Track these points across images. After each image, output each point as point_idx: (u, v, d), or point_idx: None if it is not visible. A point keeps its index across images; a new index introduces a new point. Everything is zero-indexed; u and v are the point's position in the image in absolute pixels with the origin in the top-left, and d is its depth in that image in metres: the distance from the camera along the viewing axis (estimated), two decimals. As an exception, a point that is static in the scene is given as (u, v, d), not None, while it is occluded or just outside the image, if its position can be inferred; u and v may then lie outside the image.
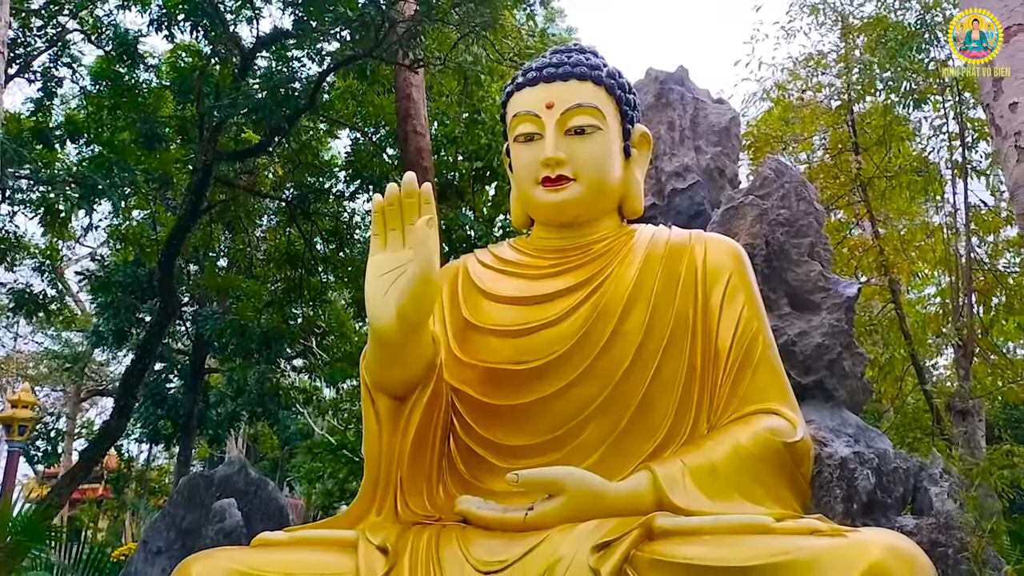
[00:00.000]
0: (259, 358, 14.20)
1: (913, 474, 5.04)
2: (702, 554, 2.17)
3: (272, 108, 10.07)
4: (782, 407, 2.92)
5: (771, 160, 6.19)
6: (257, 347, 13.37)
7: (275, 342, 12.73)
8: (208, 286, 14.52)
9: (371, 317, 2.73)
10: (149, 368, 12.86)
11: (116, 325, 14.37)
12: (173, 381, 17.93)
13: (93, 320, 17.68)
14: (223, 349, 14.78)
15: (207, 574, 2.48)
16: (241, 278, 14.34)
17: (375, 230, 2.83)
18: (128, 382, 11.63)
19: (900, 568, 1.98)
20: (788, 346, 5.17)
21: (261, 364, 14.63)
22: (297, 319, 14.95)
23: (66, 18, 12.39)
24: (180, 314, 14.89)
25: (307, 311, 14.76)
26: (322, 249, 14.10)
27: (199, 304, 15.90)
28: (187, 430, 15.03)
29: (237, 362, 14.88)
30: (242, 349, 13.61)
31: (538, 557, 2.35)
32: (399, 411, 2.88)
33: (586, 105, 3.19)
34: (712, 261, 3.14)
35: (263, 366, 14.72)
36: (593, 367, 2.94)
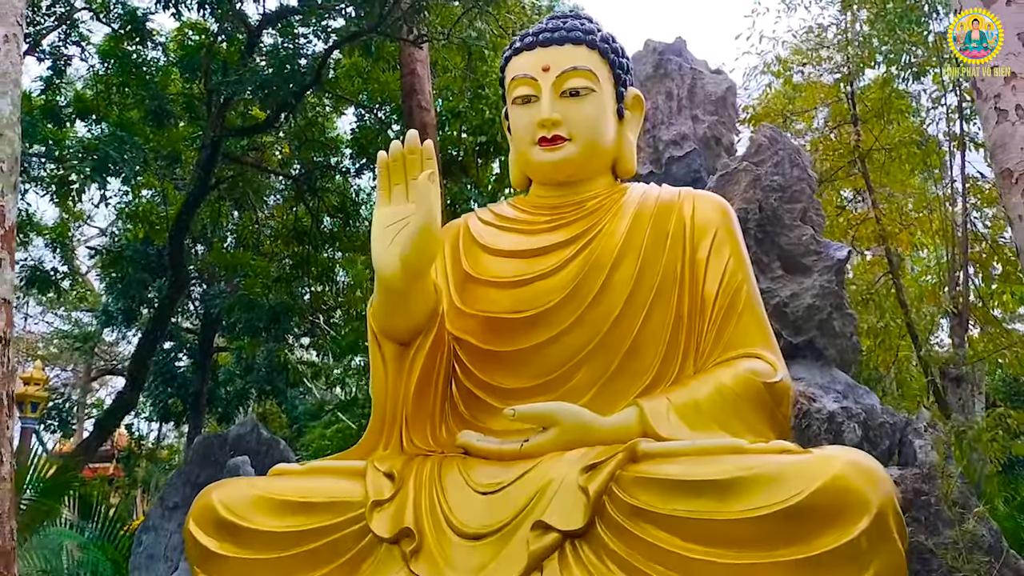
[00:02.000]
0: (267, 336, 14.40)
1: (900, 429, 5.23)
2: (680, 471, 2.37)
3: (279, 84, 10.21)
4: (764, 352, 3.09)
5: (766, 128, 6.34)
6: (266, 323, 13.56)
7: (284, 317, 12.92)
8: (216, 263, 14.71)
9: (377, 266, 2.92)
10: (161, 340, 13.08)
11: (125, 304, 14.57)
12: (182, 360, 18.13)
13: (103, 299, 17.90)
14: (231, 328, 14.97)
15: (227, 499, 2.70)
16: (249, 255, 14.53)
17: (380, 185, 3.02)
18: (140, 354, 11.87)
19: (859, 479, 2.17)
20: (780, 307, 5.36)
21: (269, 342, 14.83)
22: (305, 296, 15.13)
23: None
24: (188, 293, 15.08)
25: (315, 287, 14.95)
26: (329, 225, 14.26)
27: (207, 284, 16.08)
28: (196, 408, 15.23)
29: (245, 340, 15.07)
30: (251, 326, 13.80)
31: (532, 479, 2.55)
32: (404, 356, 3.08)
33: (581, 68, 3.35)
34: (700, 217, 3.30)
35: (271, 344, 14.92)
36: (585, 316, 3.13)
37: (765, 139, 5.94)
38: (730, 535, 2.21)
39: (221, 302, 13.55)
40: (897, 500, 2.25)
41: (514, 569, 2.35)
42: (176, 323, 16.67)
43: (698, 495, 2.28)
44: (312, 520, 2.62)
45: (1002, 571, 4.33)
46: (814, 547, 2.13)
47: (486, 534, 2.46)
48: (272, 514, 2.64)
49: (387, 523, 2.56)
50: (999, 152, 3.98)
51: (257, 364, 16.05)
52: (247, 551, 2.61)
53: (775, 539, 2.16)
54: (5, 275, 4.32)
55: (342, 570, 2.56)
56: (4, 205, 4.40)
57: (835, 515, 2.14)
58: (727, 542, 2.21)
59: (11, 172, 4.50)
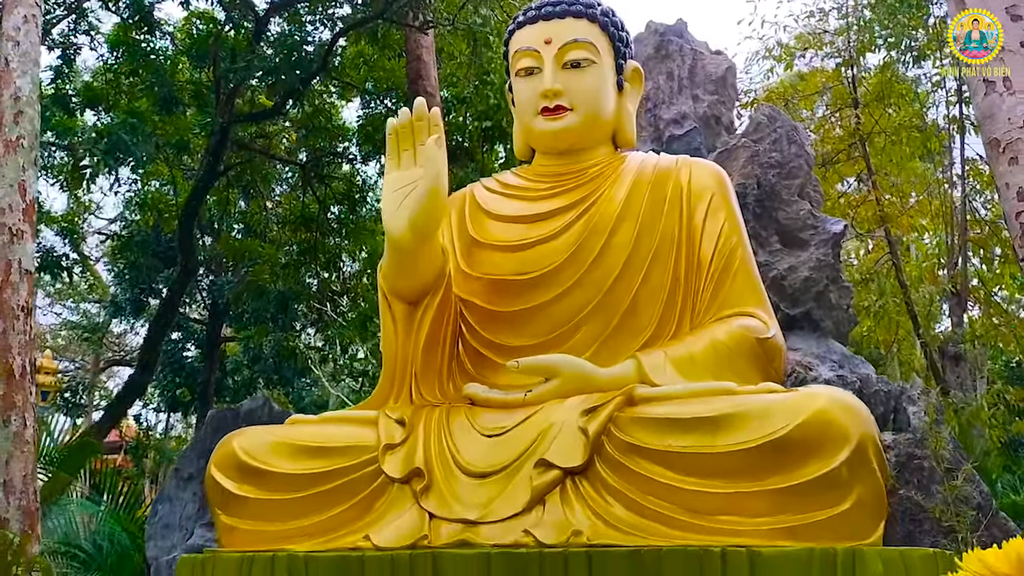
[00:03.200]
0: (274, 325, 14.57)
1: (894, 396, 5.39)
2: (673, 410, 2.52)
3: (286, 71, 10.37)
4: (757, 310, 3.23)
5: (765, 107, 6.48)
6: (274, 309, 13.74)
7: (292, 303, 13.10)
8: (225, 252, 14.89)
9: (387, 227, 3.07)
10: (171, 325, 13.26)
11: (134, 295, 14.76)
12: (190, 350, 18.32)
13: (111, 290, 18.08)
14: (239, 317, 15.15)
15: (247, 445, 2.85)
16: (258, 243, 14.69)
17: (389, 150, 3.16)
18: (151, 338, 12.06)
19: (842, 413, 2.31)
20: (778, 280, 5.51)
21: (276, 331, 15.00)
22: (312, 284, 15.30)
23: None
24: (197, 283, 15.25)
25: (322, 273, 15.12)
26: (336, 212, 14.42)
27: (215, 274, 16.26)
28: (204, 398, 15.41)
29: (253, 329, 15.24)
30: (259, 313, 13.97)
31: (534, 422, 2.71)
32: (412, 315, 3.22)
33: (581, 40, 3.48)
34: (696, 183, 3.44)
35: (278, 333, 15.09)
36: (586, 277, 3.27)
37: (764, 117, 6.08)
38: (720, 467, 2.36)
39: (229, 291, 13.72)
40: (877, 435, 2.39)
41: (518, 503, 2.50)
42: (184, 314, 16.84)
43: (690, 431, 2.43)
44: (327, 463, 2.77)
45: (990, 529, 4.48)
46: (798, 476, 2.28)
47: (492, 472, 2.62)
48: (290, 458, 2.80)
49: (398, 464, 2.71)
50: (987, 123, 4.12)
51: (264, 354, 16.23)
52: (266, 492, 2.77)
53: (762, 469, 2.31)
54: (27, 247, 4.49)
55: (355, 509, 2.71)
56: (25, 180, 4.56)
57: (818, 446, 2.28)
58: (717, 473, 2.36)
59: (31, 148, 4.66)
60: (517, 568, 2.31)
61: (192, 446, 6.24)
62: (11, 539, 3.89)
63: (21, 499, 4.16)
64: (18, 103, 4.55)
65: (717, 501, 2.35)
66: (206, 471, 2.92)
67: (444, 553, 2.41)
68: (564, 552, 2.30)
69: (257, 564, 2.56)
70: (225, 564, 2.64)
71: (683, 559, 2.19)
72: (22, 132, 4.59)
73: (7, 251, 4.33)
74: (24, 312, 4.41)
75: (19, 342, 4.27)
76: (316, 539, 2.68)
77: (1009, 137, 3.97)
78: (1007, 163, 3.98)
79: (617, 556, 2.25)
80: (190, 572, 2.70)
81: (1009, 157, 3.97)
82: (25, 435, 4.21)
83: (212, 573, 2.63)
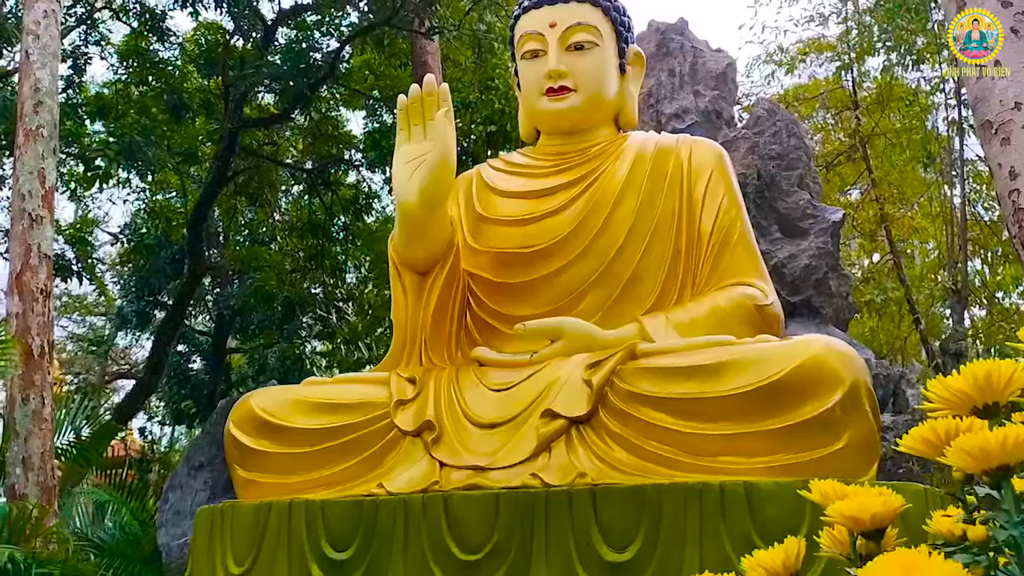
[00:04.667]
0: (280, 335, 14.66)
1: (894, 380, 5.49)
2: (673, 360, 2.63)
3: (294, 77, 10.53)
4: (756, 280, 3.34)
5: (764, 101, 6.61)
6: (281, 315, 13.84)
7: (299, 307, 13.21)
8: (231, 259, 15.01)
9: (398, 196, 3.20)
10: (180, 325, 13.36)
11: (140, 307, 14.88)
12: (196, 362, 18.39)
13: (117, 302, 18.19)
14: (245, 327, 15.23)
15: (266, 403, 2.97)
16: (265, 250, 14.82)
17: (400, 125, 3.29)
18: (159, 341, 12.18)
19: (835, 358, 2.42)
20: (778, 268, 5.63)
21: (282, 342, 15.10)
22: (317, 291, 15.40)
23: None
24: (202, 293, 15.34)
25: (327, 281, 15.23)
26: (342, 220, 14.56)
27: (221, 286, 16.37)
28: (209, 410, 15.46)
29: (259, 341, 15.32)
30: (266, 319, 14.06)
31: (540, 377, 2.82)
32: (422, 285, 3.34)
33: (585, 23, 3.61)
34: (696, 160, 3.56)
35: (283, 344, 15.18)
36: (590, 247, 3.38)
37: (764, 111, 6.22)
38: (718, 410, 2.46)
39: (236, 300, 13.82)
40: (869, 380, 2.49)
41: (525, 450, 2.61)
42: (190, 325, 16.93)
43: (690, 378, 2.54)
44: (341, 418, 2.88)
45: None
46: (794, 417, 2.38)
47: (500, 423, 2.73)
48: (306, 414, 2.91)
49: (410, 419, 2.82)
50: (980, 105, 4.24)
51: (270, 364, 16.30)
52: (283, 447, 2.88)
53: (759, 412, 2.41)
54: (46, 232, 4.62)
55: (368, 462, 2.82)
56: (44, 167, 4.70)
57: (812, 389, 2.38)
58: (716, 417, 2.46)
59: (51, 137, 4.79)
60: (524, 507, 2.42)
61: (203, 435, 6.35)
62: (30, 511, 3.99)
63: (39, 475, 4.27)
64: (38, 94, 4.69)
65: (716, 443, 2.45)
66: (224, 429, 3.03)
67: (455, 495, 2.52)
68: (569, 491, 2.41)
69: (275, 511, 2.67)
70: (244, 512, 2.74)
71: (683, 494, 2.29)
72: (42, 122, 4.73)
73: (27, 236, 4.46)
74: (43, 294, 4.53)
75: (38, 323, 4.39)
76: (330, 490, 2.79)
77: (1001, 119, 4.08)
78: (999, 144, 4.09)
79: (620, 493, 2.36)
80: (209, 522, 2.80)
81: (1001, 138, 4.08)
82: (43, 413, 4.32)
83: (231, 521, 2.74)
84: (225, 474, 5.93)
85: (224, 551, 2.71)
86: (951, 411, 1.01)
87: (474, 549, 2.42)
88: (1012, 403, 1.00)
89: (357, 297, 15.60)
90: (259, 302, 13.86)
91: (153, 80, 12.68)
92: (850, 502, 0.96)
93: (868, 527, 0.94)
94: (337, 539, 2.56)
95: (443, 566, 2.44)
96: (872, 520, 0.93)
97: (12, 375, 4.27)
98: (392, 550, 2.49)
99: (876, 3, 10.03)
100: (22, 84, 4.77)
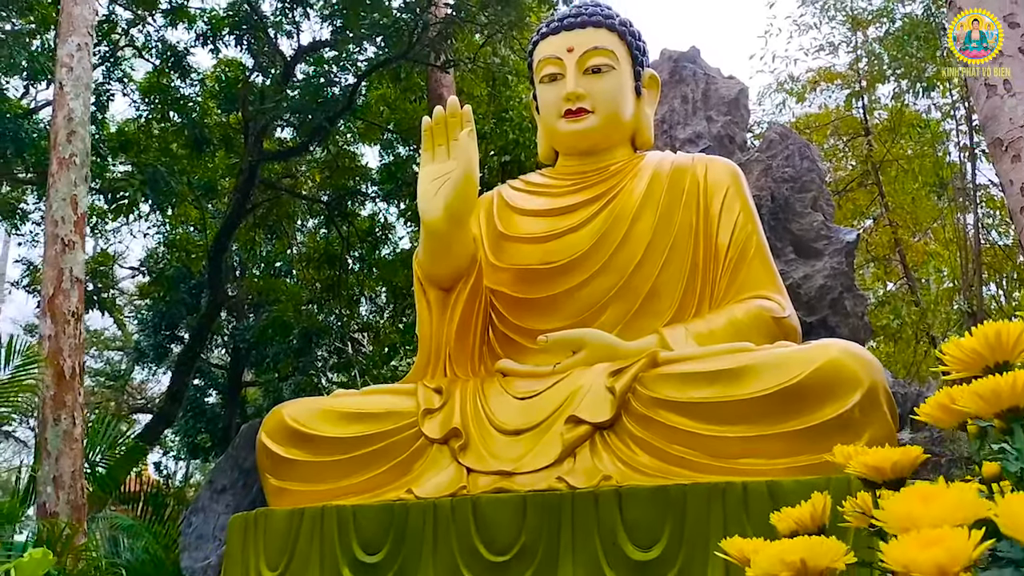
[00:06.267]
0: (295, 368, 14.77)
1: (911, 399, 5.50)
2: (695, 366, 2.70)
3: (312, 111, 10.75)
4: (774, 294, 3.41)
5: (776, 126, 6.71)
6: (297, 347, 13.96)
7: (316, 337, 13.33)
8: (249, 290, 15.19)
9: (423, 213, 3.30)
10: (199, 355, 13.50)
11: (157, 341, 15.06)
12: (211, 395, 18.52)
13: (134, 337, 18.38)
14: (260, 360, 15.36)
15: (296, 413, 3.05)
16: (283, 281, 14.99)
17: (424, 147, 3.40)
18: (179, 370, 12.30)
19: (853, 362, 2.48)
20: (793, 289, 5.68)
21: (297, 375, 15.21)
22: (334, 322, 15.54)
23: (119, 35, 13.23)
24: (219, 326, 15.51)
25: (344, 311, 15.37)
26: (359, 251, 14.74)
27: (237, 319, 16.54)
28: (225, 444, 15.55)
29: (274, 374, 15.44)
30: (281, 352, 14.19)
31: (564, 386, 2.89)
32: (446, 300, 3.43)
33: (601, 47, 3.74)
34: (712, 177, 3.65)
35: (299, 376, 15.30)
36: (609, 262, 3.47)
37: (776, 135, 6.31)
38: (739, 413, 2.52)
39: (252, 334, 13.97)
40: (887, 383, 2.55)
41: (551, 455, 2.67)
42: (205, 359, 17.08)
43: (712, 383, 2.61)
44: (370, 427, 2.96)
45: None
46: (814, 418, 2.44)
47: (525, 430, 2.79)
48: (335, 424, 2.99)
49: (437, 427, 2.90)
50: (990, 124, 4.33)
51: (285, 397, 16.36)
52: (313, 455, 2.95)
53: (780, 414, 2.47)
54: (78, 257, 4.75)
55: (396, 470, 2.89)
56: (77, 194, 4.84)
57: (831, 391, 2.44)
58: (737, 419, 2.52)
59: (83, 165, 4.95)
60: (551, 508, 2.48)
61: (226, 457, 6.40)
62: (62, 529, 4.07)
63: (70, 494, 4.35)
64: (71, 123, 4.86)
65: (737, 445, 2.51)
66: (257, 439, 3.10)
67: (483, 498, 2.58)
68: (595, 492, 2.47)
69: (307, 516, 2.74)
70: (276, 518, 2.81)
71: (707, 493, 2.35)
72: (74, 150, 4.89)
73: (60, 260, 4.60)
74: (74, 317, 4.65)
75: (70, 345, 4.51)
76: (360, 497, 2.86)
77: (1011, 136, 4.17)
78: (1010, 161, 4.17)
79: (645, 493, 2.41)
80: (242, 528, 2.87)
81: (1012, 155, 4.16)
82: (74, 433, 4.42)
83: (264, 527, 2.80)
84: (247, 498, 5.99)
85: (258, 557, 2.77)
86: (965, 372, 1.08)
87: (502, 550, 2.48)
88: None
89: (373, 327, 15.71)
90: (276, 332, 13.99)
91: (174, 116, 12.96)
92: (872, 453, 1.03)
93: (889, 475, 1.01)
94: (368, 542, 2.63)
95: (472, 567, 2.49)
96: (893, 468, 1.00)
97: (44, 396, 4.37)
98: (422, 552, 2.55)
99: (886, 32, 10.17)
100: (56, 114, 4.95)
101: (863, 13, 10.28)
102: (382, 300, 15.62)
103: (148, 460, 18.12)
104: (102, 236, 15.79)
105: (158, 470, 24.77)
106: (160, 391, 23.89)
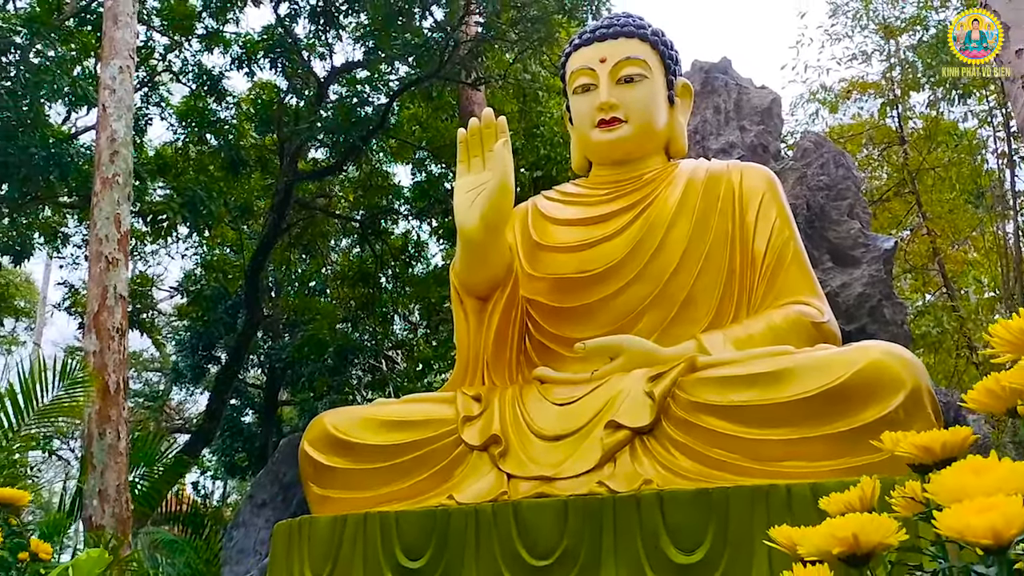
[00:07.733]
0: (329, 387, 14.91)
1: (953, 408, 5.42)
2: (735, 369, 2.69)
3: (346, 130, 10.90)
4: (812, 299, 3.39)
5: (811, 134, 6.69)
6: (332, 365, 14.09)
7: (350, 355, 13.44)
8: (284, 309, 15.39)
9: (460, 223, 3.33)
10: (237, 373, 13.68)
11: (195, 361, 15.30)
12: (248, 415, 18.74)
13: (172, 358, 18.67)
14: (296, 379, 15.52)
15: (338, 421, 3.09)
16: (318, 300, 15.16)
17: (460, 158, 3.44)
18: (218, 388, 12.47)
19: (895, 363, 2.46)
20: (832, 297, 5.63)
21: (332, 393, 15.35)
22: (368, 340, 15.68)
23: (156, 61, 13.54)
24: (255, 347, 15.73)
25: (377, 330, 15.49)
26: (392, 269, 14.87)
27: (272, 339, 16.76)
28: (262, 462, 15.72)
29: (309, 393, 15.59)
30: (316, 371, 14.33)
31: (603, 391, 2.90)
32: (483, 309, 3.46)
33: (634, 58, 3.76)
34: (747, 184, 3.65)
35: (334, 395, 15.43)
36: (646, 270, 3.47)
37: (811, 144, 6.29)
38: (782, 416, 2.51)
39: (287, 354, 14.14)
40: (930, 385, 2.52)
41: (591, 460, 2.68)
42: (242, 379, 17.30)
43: (752, 386, 2.60)
44: (411, 435, 2.99)
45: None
46: (858, 420, 2.42)
47: (564, 436, 2.80)
48: (376, 432, 3.02)
49: (477, 434, 2.92)
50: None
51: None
52: (355, 463, 2.99)
53: (822, 416, 2.45)
54: (121, 274, 4.85)
55: (437, 477, 2.91)
56: (120, 213, 4.95)
57: (874, 392, 2.43)
58: (779, 422, 2.51)
59: (126, 184, 5.06)
60: (593, 513, 2.48)
61: (265, 473, 6.48)
62: (108, 541, 4.14)
63: (115, 507, 4.44)
64: (114, 144, 4.99)
65: (779, 448, 2.49)
66: (299, 448, 3.14)
67: (524, 503, 2.59)
68: (636, 496, 2.46)
69: (351, 523, 2.77)
70: (320, 525, 2.84)
71: (750, 496, 2.34)
72: (117, 170, 5.01)
73: (104, 278, 4.71)
74: (119, 333, 4.75)
75: (114, 361, 4.62)
76: (402, 503, 2.88)
77: (1050, 138, 4.11)
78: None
79: (687, 496, 2.41)
80: (287, 536, 2.90)
81: (1052, 157, 4.11)
82: (119, 447, 4.50)
83: (308, 534, 2.83)
84: (287, 512, 6.04)
85: (302, 563, 2.81)
86: (1013, 353, 1.08)
87: (544, 555, 2.49)
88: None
89: (407, 344, 15.80)
90: (311, 351, 14.13)
91: (211, 138, 13.21)
92: (922, 435, 1.03)
93: (939, 456, 1.01)
94: (411, 548, 2.65)
95: (514, 572, 2.50)
96: (943, 449, 1.00)
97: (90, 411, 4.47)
98: (464, 557, 2.56)
99: (919, 41, 10.09)
100: (99, 136, 5.09)
101: (895, 21, 10.21)
102: (415, 317, 15.72)
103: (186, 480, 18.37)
104: (141, 258, 16.11)
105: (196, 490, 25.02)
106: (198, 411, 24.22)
